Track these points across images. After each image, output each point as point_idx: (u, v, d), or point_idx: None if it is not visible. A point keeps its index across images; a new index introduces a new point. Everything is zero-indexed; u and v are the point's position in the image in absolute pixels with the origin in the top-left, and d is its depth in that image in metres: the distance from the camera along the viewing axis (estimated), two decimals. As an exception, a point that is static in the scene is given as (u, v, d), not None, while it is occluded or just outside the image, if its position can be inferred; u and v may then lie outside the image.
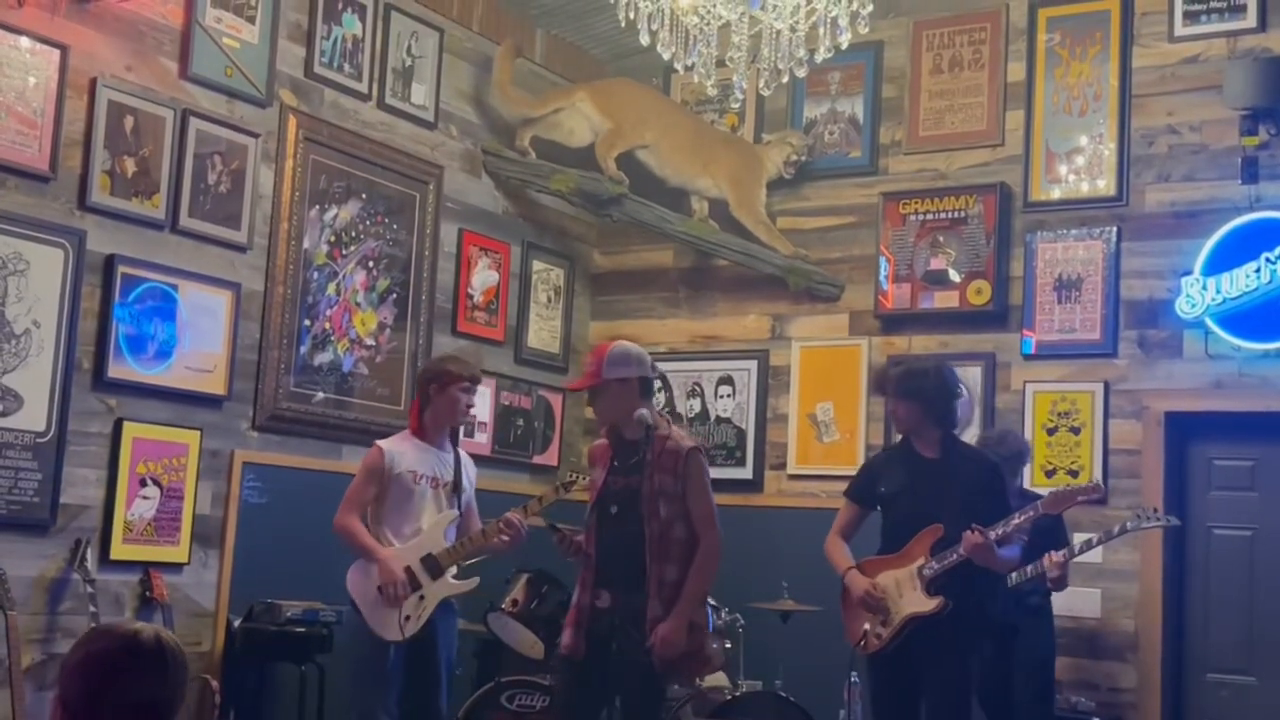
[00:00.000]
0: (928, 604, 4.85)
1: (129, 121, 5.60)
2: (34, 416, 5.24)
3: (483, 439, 7.18)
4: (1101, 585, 6.38)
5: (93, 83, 5.47)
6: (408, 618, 5.14)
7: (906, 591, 4.91)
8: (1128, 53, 6.79)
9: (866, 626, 4.97)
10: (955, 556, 4.83)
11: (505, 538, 5.24)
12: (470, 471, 5.52)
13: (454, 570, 5.28)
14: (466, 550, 5.28)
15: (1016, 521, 4.89)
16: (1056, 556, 5.62)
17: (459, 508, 5.39)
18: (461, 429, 6.04)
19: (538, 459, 7.61)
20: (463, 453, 5.53)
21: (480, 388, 7.17)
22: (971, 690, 5.01)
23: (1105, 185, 6.75)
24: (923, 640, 4.88)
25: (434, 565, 5.22)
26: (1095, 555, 6.23)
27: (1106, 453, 6.57)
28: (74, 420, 5.39)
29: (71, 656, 2.17)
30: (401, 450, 5.32)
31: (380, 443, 5.38)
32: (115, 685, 2.03)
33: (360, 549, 5.23)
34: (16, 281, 5.20)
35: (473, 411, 5.68)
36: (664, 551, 4.69)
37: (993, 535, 4.81)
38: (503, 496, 6.24)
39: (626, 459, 4.81)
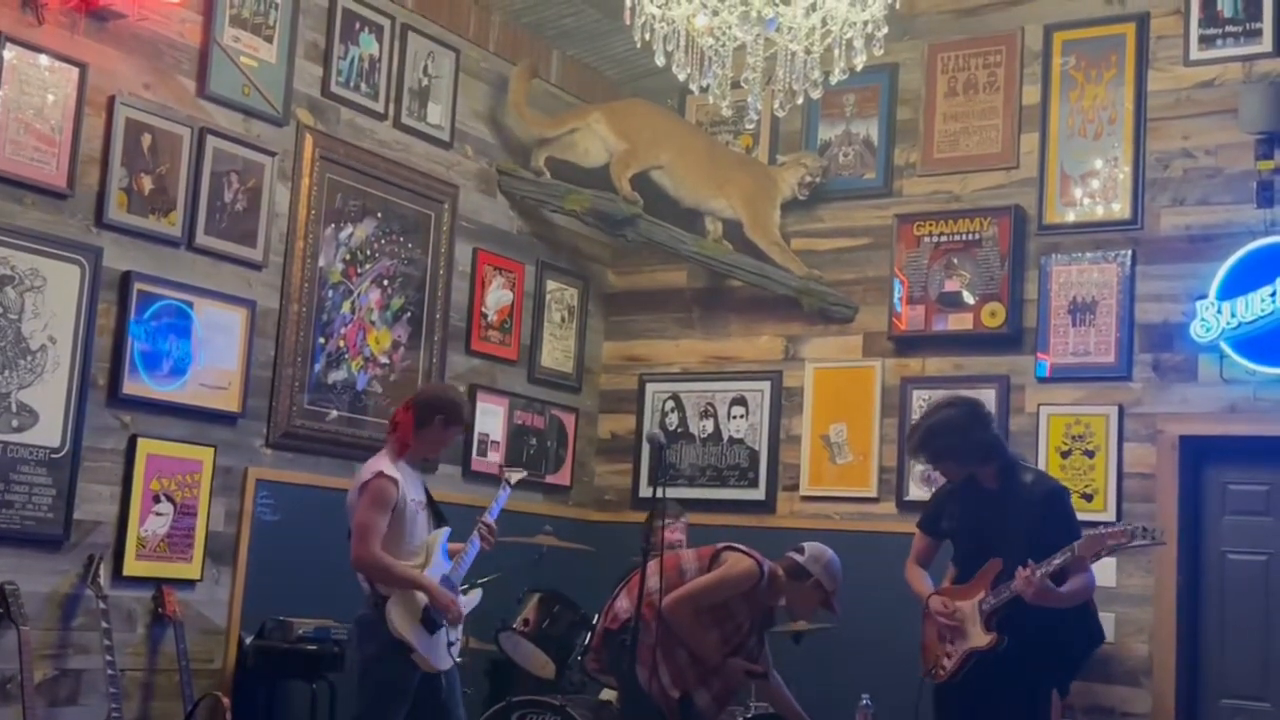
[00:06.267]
0: (983, 639, 4.79)
1: (146, 139, 5.63)
2: (49, 432, 5.26)
3: (495, 458, 7.18)
4: (1115, 609, 6.33)
5: (111, 100, 5.50)
6: (452, 643, 5.16)
7: (969, 625, 4.85)
8: (1143, 76, 6.78)
9: (937, 656, 4.94)
10: (1008, 593, 4.74)
11: (489, 543, 5.35)
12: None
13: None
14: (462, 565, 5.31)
15: (1057, 562, 4.69)
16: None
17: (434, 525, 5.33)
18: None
19: (550, 479, 7.60)
20: None
21: (494, 406, 7.26)
22: None
23: (1120, 208, 6.74)
24: (983, 675, 4.81)
25: (451, 586, 5.20)
26: (1109, 579, 6.20)
27: (1121, 476, 6.55)
28: (88, 436, 5.41)
29: None
30: (401, 477, 5.12)
31: (385, 471, 5.08)
32: None
33: (401, 580, 5.04)
34: (33, 297, 5.22)
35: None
36: None
37: (1040, 573, 4.65)
38: (516, 516, 6.23)
39: (762, 629, 5.39)
